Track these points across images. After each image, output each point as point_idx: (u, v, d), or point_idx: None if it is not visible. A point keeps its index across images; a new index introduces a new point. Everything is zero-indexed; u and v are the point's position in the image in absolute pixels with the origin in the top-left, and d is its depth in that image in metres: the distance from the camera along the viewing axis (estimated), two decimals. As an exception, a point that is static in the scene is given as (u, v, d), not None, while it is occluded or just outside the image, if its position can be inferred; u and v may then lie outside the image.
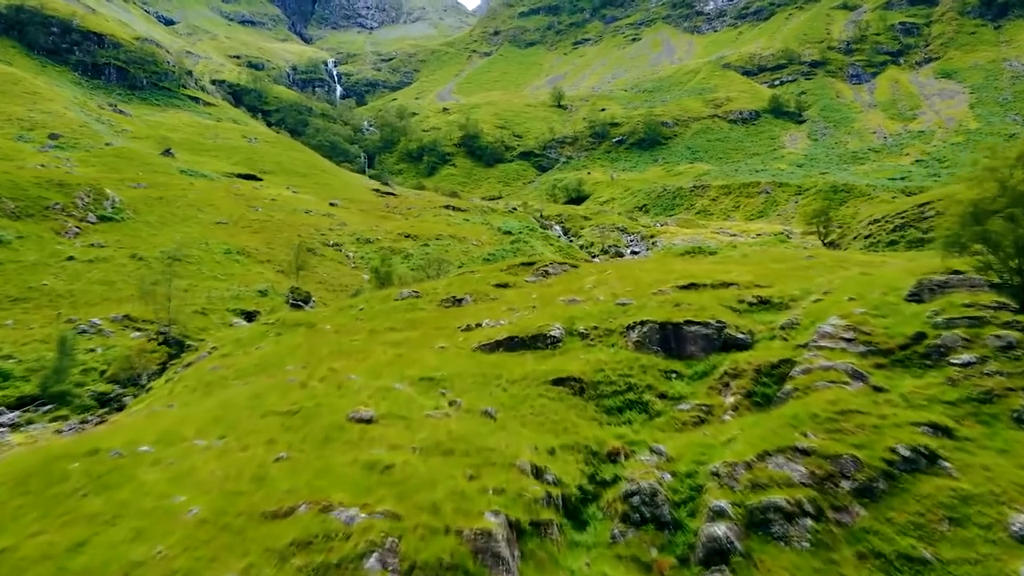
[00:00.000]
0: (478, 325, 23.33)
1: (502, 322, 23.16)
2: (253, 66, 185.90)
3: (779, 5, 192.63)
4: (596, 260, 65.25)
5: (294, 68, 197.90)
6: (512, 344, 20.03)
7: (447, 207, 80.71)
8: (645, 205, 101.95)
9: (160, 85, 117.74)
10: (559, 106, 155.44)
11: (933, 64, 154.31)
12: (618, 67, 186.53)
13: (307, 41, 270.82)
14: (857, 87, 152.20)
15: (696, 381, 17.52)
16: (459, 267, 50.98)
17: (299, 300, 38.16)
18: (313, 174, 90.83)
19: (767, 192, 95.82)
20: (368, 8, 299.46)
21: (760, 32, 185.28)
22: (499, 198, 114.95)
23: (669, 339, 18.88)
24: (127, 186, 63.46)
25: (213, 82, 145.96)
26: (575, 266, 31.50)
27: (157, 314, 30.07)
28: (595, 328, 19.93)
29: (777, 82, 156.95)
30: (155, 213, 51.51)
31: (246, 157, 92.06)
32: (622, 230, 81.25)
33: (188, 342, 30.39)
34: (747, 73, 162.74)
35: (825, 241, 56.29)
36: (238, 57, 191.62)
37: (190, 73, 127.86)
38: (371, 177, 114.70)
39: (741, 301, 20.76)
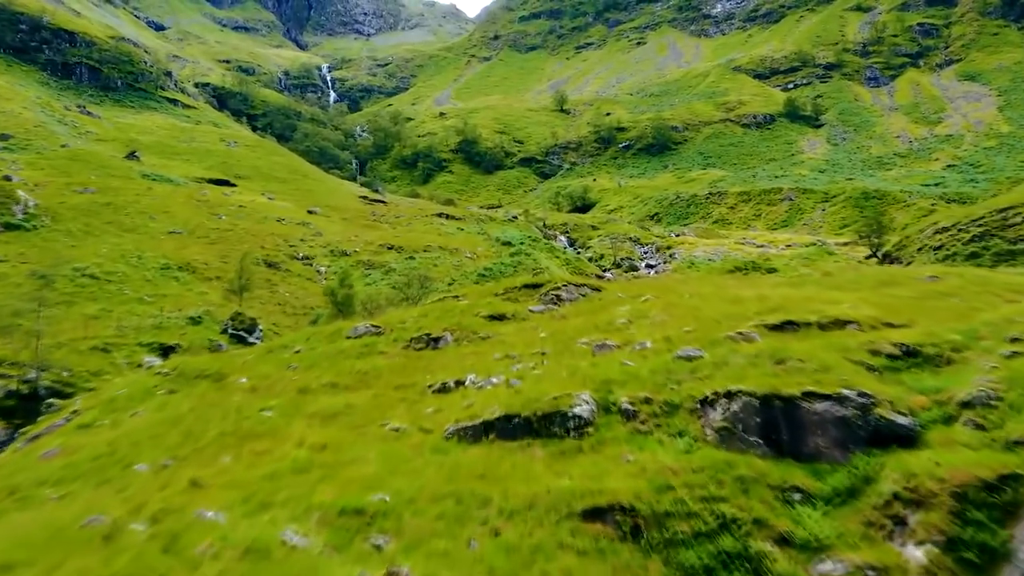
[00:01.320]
0: (459, 384, 14.81)
1: (494, 380, 14.55)
2: (244, 70, 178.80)
3: (789, 7, 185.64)
4: (609, 275, 57.06)
5: (286, 73, 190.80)
6: (510, 429, 11.38)
7: (440, 215, 72.62)
8: (657, 214, 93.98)
9: (136, 86, 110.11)
10: (562, 110, 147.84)
11: (955, 66, 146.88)
12: (622, 71, 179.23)
13: (302, 48, 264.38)
14: (875, 90, 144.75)
15: (838, 508, 8.90)
16: (448, 285, 42.75)
17: (241, 329, 29.92)
18: (294, 180, 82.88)
19: (790, 199, 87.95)
20: (365, 14, 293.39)
21: (770, 35, 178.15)
22: (498, 207, 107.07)
23: (777, 425, 10.10)
24: (72, 191, 55.47)
25: (197, 85, 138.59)
26: (597, 289, 23.09)
27: (18, 355, 21.93)
28: (646, 401, 11.39)
29: (791, 85, 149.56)
30: (82, 221, 43.38)
31: (221, 161, 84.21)
32: (635, 241, 73.11)
33: (70, 392, 22.14)
34: (759, 76, 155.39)
35: (879, 254, 48.08)
36: (228, 62, 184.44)
37: (169, 74, 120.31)
38: (362, 184, 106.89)
39: (875, 352, 12.13)
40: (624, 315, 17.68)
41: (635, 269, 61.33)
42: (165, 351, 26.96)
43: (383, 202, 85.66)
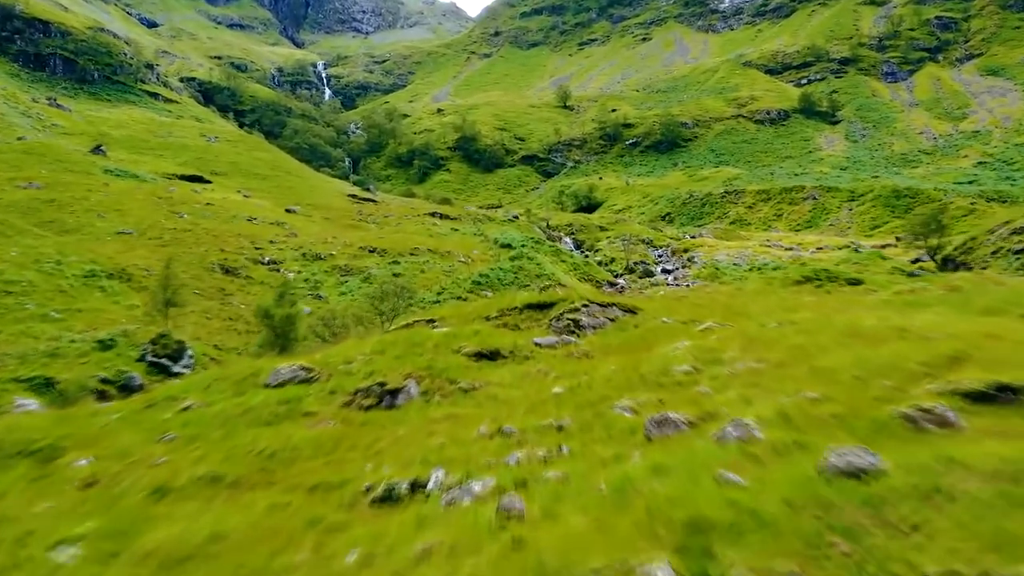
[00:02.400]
0: (416, 488, 7.74)
1: (476, 489, 7.30)
2: (236, 67, 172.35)
3: (800, 2, 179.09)
4: (621, 281, 50.47)
5: (280, 70, 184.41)
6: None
7: (433, 215, 66.06)
8: (669, 214, 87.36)
9: (114, 79, 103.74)
10: (565, 107, 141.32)
11: (976, 61, 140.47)
12: (628, 68, 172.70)
13: (299, 46, 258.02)
14: (893, 85, 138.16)
15: None
16: (437, 295, 36.19)
17: (164, 356, 23.35)
18: (276, 176, 76.37)
19: (814, 198, 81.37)
20: (364, 12, 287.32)
21: (781, 29, 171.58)
22: (498, 207, 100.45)
23: None
24: (14, 186, 49.12)
25: (183, 80, 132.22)
26: (630, 311, 16.26)
27: None
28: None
29: (804, 80, 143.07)
30: (5, 220, 36.77)
31: (197, 157, 77.74)
32: (647, 243, 66.52)
33: None
34: (771, 72, 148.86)
35: (937, 257, 41.40)
36: (219, 58, 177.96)
37: (152, 67, 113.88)
38: (355, 183, 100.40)
39: None
40: (684, 358, 10.65)
41: (651, 275, 54.70)
42: (52, 387, 20.35)
43: (373, 200, 79.14)
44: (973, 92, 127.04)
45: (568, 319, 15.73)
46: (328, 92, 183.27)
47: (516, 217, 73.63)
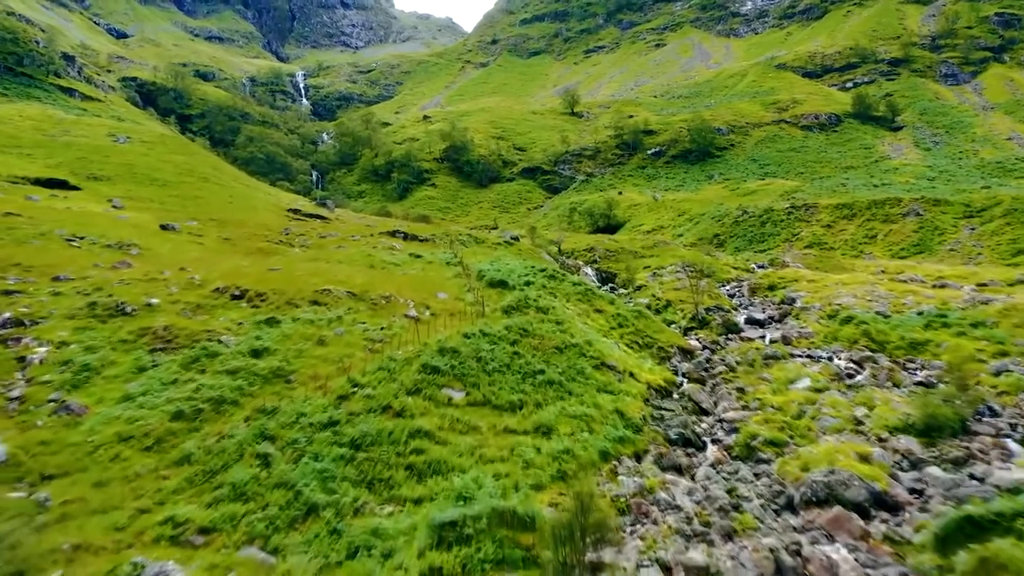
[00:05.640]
0: None
1: None
2: (200, 75, 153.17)
3: (833, 2, 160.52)
4: (694, 343, 28.73)
5: (252, 79, 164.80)
6: None
7: (394, 233, 44.85)
8: (718, 235, 66.11)
9: (17, 70, 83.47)
10: (572, 113, 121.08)
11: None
12: (641, 74, 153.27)
13: (283, 60, 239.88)
14: (957, 88, 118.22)
15: None
16: (297, 455, 14.56)
17: None
18: (182, 184, 55.36)
19: (917, 213, 60.37)
20: (353, 26, 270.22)
21: (814, 31, 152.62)
22: (494, 228, 79.50)
23: None
24: None
25: (124, 80, 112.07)
26: None
27: None
28: None
29: (850, 84, 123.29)
30: None
31: (79, 158, 56.89)
32: (704, 273, 44.86)
33: None
34: (809, 75, 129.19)
35: None
36: (185, 65, 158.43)
37: (72, 60, 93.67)
38: (315, 199, 79.44)
39: None
40: None
41: (735, 329, 33.01)
42: None
43: (321, 217, 58.11)
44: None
45: None
46: (306, 103, 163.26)
47: (516, 239, 52.26)
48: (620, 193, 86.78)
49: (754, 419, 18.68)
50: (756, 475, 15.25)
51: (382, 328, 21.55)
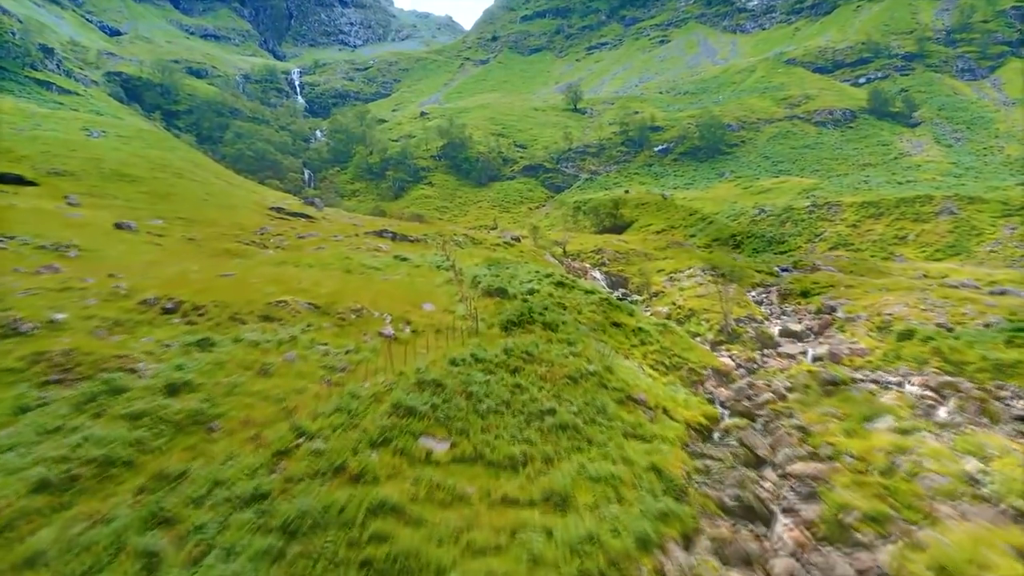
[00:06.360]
0: None
1: None
2: (192, 72, 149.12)
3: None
4: (726, 359, 24.16)
5: (246, 77, 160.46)
6: None
7: (381, 233, 40.38)
8: (735, 235, 61.58)
9: (-10, 62, 79.15)
10: (575, 110, 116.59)
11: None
12: (645, 71, 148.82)
13: (280, 59, 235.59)
14: (974, 83, 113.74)
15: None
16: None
17: None
18: (154, 180, 50.93)
19: (951, 212, 55.92)
20: (352, 25, 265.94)
21: (823, 26, 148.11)
22: (494, 228, 75.06)
23: None
24: None
25: (109, 75, 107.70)
26: None
27: None
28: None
29: (863, 79, 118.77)
30: None
31: (42, 152, 52.51)
32: (733, 280, 40.40)
33: None
34: (820, 70, 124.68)
35: None
36: (176, 62, 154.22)
37: (50, 51, 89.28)
38: (304, 199, 74.90)
39: None
40: None
41: (770, 343, 28.54)
42: None
43: (307, 217, 53.69)
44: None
45: None
46: (301, 100, 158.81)
47: (517, 239, 47.74)
48: (627, 191, 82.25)
49: (834, 477, 14.08)
50: (861, 573, 10.75)
51: (347, 351, 16.98)
